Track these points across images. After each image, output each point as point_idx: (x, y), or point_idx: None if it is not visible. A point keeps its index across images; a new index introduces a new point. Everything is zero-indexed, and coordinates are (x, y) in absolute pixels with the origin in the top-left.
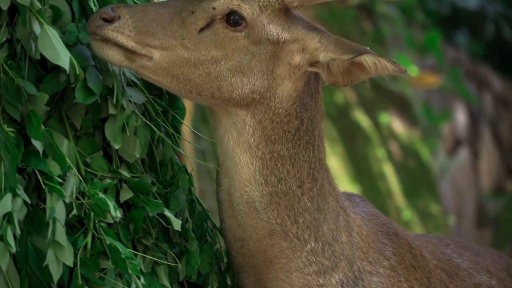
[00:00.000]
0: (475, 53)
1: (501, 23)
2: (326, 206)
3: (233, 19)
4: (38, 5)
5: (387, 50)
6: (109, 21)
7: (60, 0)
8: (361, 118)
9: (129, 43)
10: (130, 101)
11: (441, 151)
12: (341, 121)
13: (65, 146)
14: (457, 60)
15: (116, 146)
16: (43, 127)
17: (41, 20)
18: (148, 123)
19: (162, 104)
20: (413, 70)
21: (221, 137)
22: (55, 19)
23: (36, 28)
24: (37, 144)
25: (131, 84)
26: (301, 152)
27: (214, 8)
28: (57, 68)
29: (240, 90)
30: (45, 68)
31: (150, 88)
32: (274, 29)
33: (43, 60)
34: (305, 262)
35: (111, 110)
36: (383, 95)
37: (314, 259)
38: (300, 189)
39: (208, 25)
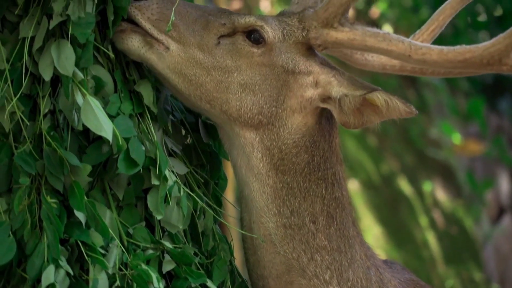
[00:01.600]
0: None
1: None
2: (350, 251)
3: (253, 36)
4: (80, 75)
5: (430, 118)
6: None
7: (102, 71)
8: (405, 186)
9: (146, 25)
10: (172, 171)
11: (484, 218)
12: (384, 189)
13: (107, 217)
14: (501, 127)
15: (159, 217)
16: (85, 198)
17: (84, 90)
18: (191, 193)
19: (203, 174)
20: (456, 138)
21: (235, 161)
22: (98, 90)
23: (79, 98)
24: (80, 215)
25: (172, 154)
26: (312, 187)
27: (238, 23)
28: (100, 139)
29: (248, 108)
30: (87, 139)
31: (191, 158)
32: (291, 59)
33: (86, 130)
34: None
35: (154, 181)
36: (426, 163)
37: None
38: (314, 225)
39: (229, 35)
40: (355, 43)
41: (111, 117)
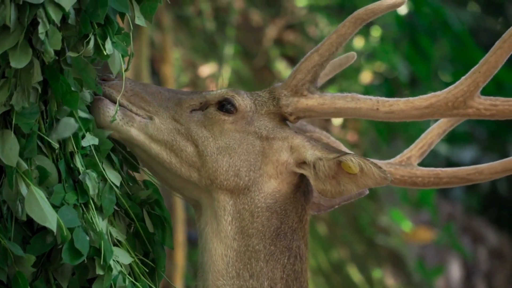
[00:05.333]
0: (470, 207)
1: None
2: None
3: (225, 108)
4: (24, 166)
5: (380, 205)
6: (107, 81)
7: (47, 161)
8: (354, 274)
9: (123, 101)
10: (117, 261)
11: None
12: (334, 277)
13: None
14: (452, 214)
15: None
16: None
17: (28, 181)
18: (136, 283)
19: (149, 262)
20: (406, 226)
21: (201, 230)
22: (42, 180)
23: (23, 189)
24: None
25: (117, 244)
26: (276, 253)
27: (209, 95)
28: (44, 229)
29: (224, 169)
30: (31, 229)
31: (136, 247)
32: (265, 126)
33: (30, 221)
34: None
35: (99, 271)
36: (376, 251)
37: None
38: None
39: (201, 108)
40: (326, 108)
41: (56, 207)
